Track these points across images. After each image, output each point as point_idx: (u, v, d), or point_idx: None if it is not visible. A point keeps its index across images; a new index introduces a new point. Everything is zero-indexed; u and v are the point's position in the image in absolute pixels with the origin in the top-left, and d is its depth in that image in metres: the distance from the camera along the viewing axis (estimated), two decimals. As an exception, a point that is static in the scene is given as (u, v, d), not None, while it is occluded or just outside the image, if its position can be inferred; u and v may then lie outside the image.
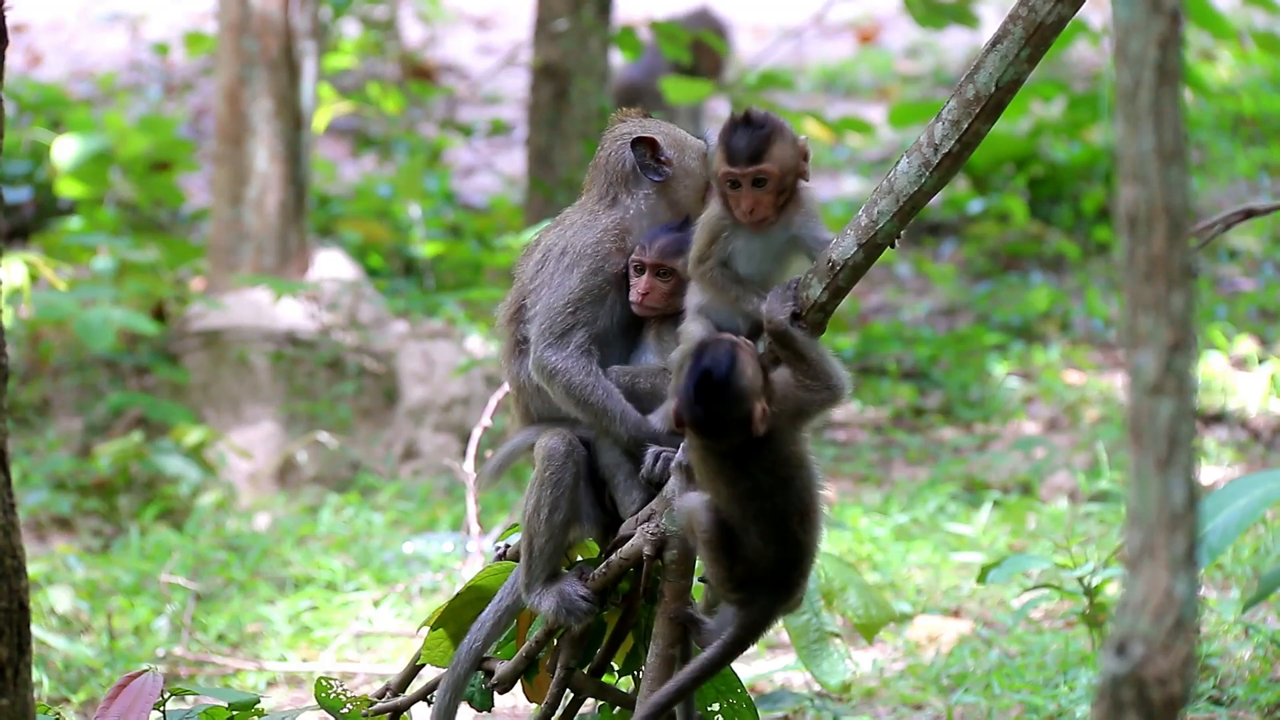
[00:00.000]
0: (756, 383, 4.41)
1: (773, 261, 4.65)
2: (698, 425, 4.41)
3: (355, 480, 9.60)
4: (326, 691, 4.97)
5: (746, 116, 4.62)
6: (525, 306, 4.94)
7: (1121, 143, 3.10)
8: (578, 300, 4.85)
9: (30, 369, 10.19)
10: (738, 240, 4.63)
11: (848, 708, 6.40)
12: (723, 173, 4.61)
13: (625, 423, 4.77)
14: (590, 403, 4.78)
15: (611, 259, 4.88)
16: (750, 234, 4.63)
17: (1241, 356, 9.94)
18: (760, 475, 4.45)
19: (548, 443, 4.82)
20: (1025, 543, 7.94)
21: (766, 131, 4.60)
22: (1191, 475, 3.07)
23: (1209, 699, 6.10)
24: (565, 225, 4.97)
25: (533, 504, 4.81)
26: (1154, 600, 3.06)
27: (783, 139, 4.62)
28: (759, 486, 4.46)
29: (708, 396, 4.37)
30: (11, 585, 4.15)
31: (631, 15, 13.74)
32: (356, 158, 14.64)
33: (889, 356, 10.70)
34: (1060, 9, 4.30)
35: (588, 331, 4.84)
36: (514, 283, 5.02)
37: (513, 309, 4.97)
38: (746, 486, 4.47)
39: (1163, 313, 3.08)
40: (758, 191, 4.58)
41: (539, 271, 4.92)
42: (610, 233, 4.90)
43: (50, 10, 17.66)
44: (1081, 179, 12.75)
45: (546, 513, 4.80)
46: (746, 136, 4.59)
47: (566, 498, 4.80)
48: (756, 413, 4.38)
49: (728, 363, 4.38)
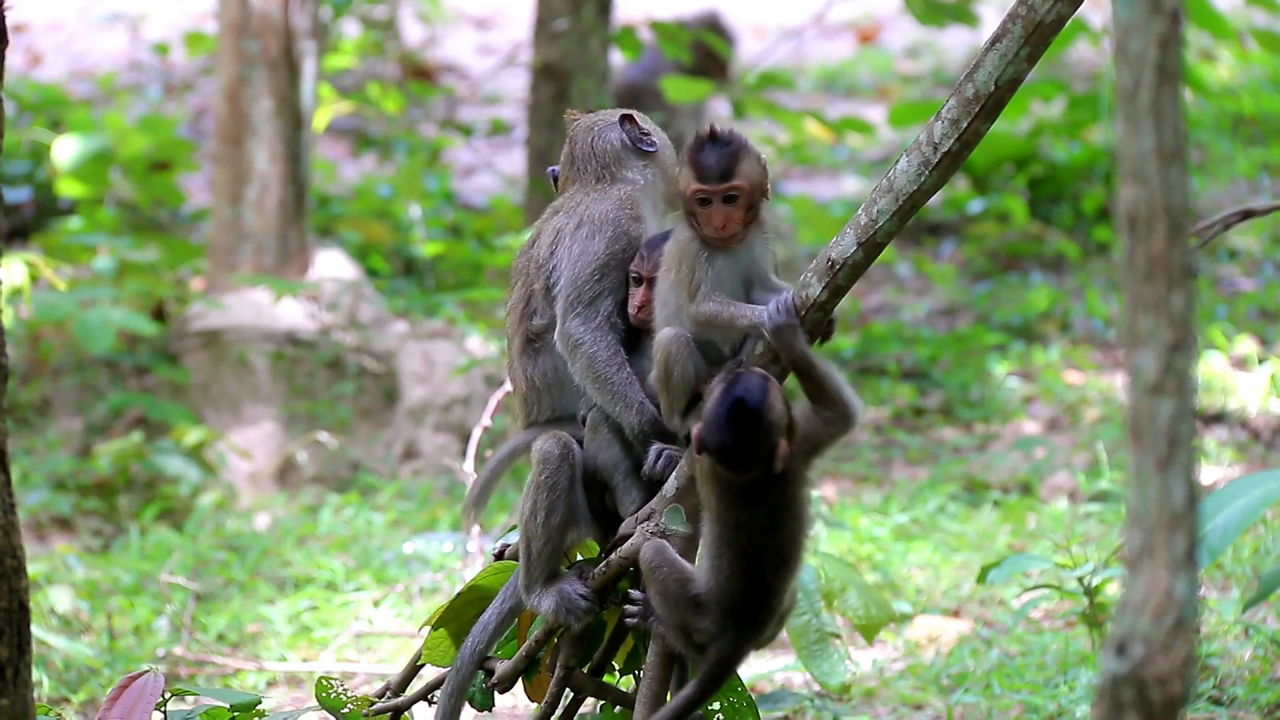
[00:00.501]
0: (783, 419, 4.40)
1: (739, 283, 4.65)
2: (722, 454, 4.38)
3: (355, 480, 9.60)
4: (327, 691, 4.97)
5: (713, 134, 4.65)
6: (533, 299, 4.91)
7: (1121, 143, 3.10)
8: (603, 265, 4.81)
9: (30, 369, 10.19)
10: (717, 261, 4.63)
11: (848, 707, 6.40)
12: (692, 190, 4.61)
13: (642, 414, 4.74)
14: (611, 382, 4.75)
15: (632, 226, 4.84)
16: (724, 255, 4.62)
17: (1241, 356, 9.94)
18: (759, 511, 4.44)
19: (543, 446, 4.81)
20: (1025, 543, 7.93)
21: (735, 148, 4.63)
22: (1191, 475, 3.07)
23: (1209, 699, 6.10)
24: (571, 208, 4.92)
25: (529, 508, 4.80)
26: (1154, 600, 3.06)
27: (750, 155, 4.66)
28: (753, 521, 4.44)
29: (738, 426, 4.35)
30: (11, 585, 4.15)
31: (632, 15, 13.74)
32: (356, 158, 14.64)
33: (889, 356, 10.69)
34: (1059, 8, 4.30)
35: (614, 300, 4.80)
36: (517, 280, 4.98)
37: (522, 305, 4.93)
38: (741, 518, 4.45)
39: (1163, 313, 3.08)
40: (728, 208, 4.59)
41: (553, 253, 4.88)
42: (625, 202, 4.87)
43: (50, 10, 17.66)
44: (1081, 179, 12.75)
45: (543, 516, 4.79)
46: (716, 153, 4.62)
47: (563, 500, 4.79)
48: (780, 449, 4.37)
49: (760, 395, 4.36)
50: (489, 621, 4.93)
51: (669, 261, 4.66)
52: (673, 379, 4.63)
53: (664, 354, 4.63)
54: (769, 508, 4.43)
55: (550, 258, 4.88)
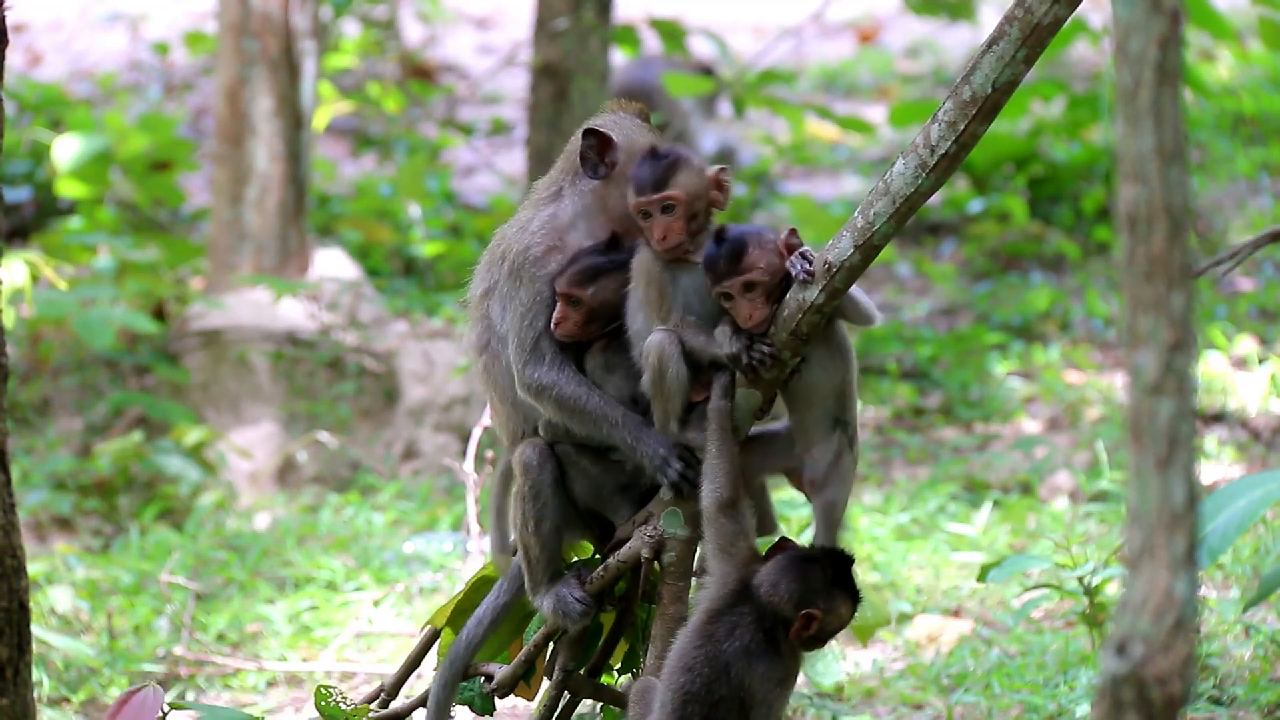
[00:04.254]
0: None
1: (708, 298, 4.68)
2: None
3: (355, 480, 9.60)
4: (326, 699, 4.98)
5: (653, 151, 4.72)
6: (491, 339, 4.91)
7: (1121, 143, 3.10)
8: (531, 310, 4.80)
9: (30, 369, 10.19)
10: (681, 280, 4.67)
11: (847, 707, 6.40)
12: (634, 205, 4.70)
13: (628, 425, 4.73)
14: (587, 411, 4.75)
15: (547, 260, 4.82)
16: (688, 271, 4.67)
17: (1241, 356, 9.94)
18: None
19: (522, 454, 4.83)
20: (1025, 543, 7.93)
21: (669, 160, 4.70)
22: (1191, 475, 3.07)
23: (1209, 699, 6.09)
24: (511, 221, 4.94)
25: (520, 518, 4.82)
26: (1154, 600, 3.06)
27: (688, 167, 4.71)
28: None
29: (848, 578, 4.47)
30: (11, 585, 4.16)
31: (631, 15, 13.74)
32: (356, 157, 14.64)
33: (889, 356, 10.69)
34: (1056, 10, 4.29)
35: (550, 335, 4.80)
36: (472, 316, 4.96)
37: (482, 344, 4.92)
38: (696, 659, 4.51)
39: (1163, 313, 3.08)
40: (667, 219, 4.66)
41: (490, 271, 4.89)
42: (540, 234, 4.84)
43: (50, 10, 17.66)
44: (1081, 179, 12.75)
45: (534, 524, 4.80)
46: (650, 167, 4.71)
47: (550, 505, 4.79)
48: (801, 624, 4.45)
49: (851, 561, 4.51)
50: (483, 616, 4.94)
51: (636, 280, 4.73)
52: (667, 381, 4.64)
53: (656, 357, 4.64)
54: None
55: (489, 274, 4.88)
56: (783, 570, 4.46)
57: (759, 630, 4.43)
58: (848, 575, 4.48)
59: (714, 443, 4.57)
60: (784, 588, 4.44)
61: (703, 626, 4.46)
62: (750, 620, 4.44)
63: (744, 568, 4.50)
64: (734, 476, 4.55)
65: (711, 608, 4.48)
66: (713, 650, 4.43)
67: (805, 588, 4.44)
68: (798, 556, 4.50)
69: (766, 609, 4.44)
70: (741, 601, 4.46)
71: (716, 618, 4.46)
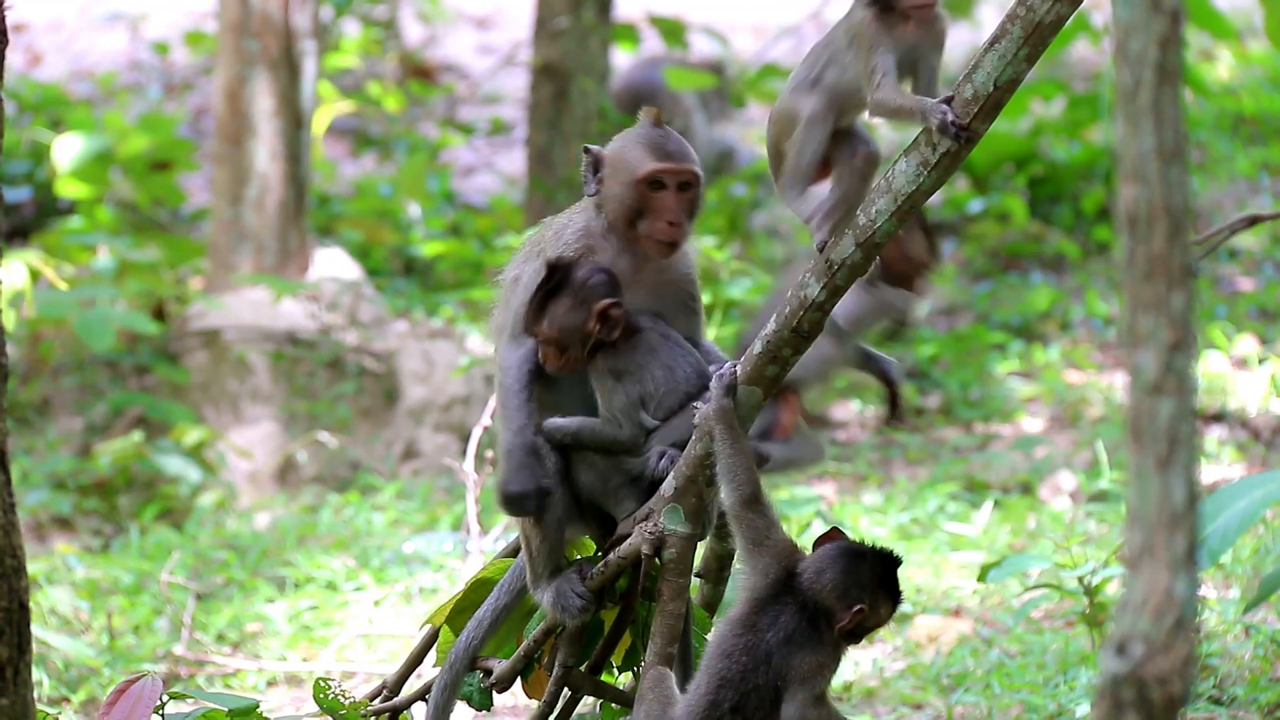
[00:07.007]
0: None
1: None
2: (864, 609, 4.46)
3: (355, 480, 9.60)
4: (325, 692, 4.98)
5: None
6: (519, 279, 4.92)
7: (1121, 142, 3.09)
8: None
9: (30, 369, 10.19)
10: (887, 45, 4.59)
11: (847, 707, 6.40)
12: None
13: (514, 433, 4.71)
14: (505, 406, 4.76)
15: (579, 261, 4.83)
16: (898, 37, 4.60)
17: (1241, 356, 9.94)
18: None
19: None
20: (1025, 543, 7.93)
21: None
22: (1192, 475, 3.07)
23: (1209, 699, 6.09)
24: (559, 214, 4.95)
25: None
26: (1154, 600, 3.06)
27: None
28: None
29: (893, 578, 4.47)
30: (11, 585, 4.15)
31: (631, 15, 13.73)
32: (356, 157, 14.64)
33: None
34: (1059, 8, 4.29)
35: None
36: (522, 249, 4.99)
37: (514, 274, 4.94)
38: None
39: (1163, 312, 3.08)
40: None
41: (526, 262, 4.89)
42: (575, 235, 4.80)
43: (50, 10, 17.66)
44: (1081, 179, 12.75)
45: (534, 517, 4.80)
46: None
47: (554, 496, 4.79)
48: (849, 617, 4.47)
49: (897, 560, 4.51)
50: (484, 617, 4.94)
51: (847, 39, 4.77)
52: (808, 140, 4.62)
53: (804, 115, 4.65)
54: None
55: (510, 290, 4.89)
56: (830, 561, 4.44)
57: (802, 619, 4.42)
58: (893, 575, 4.47)
59: (724, 442, 4.55)
60: (828, 578, 4.42)
61: (746, 616, 4.44)
62: (794, 610, 4.42)
63: (786, 558, 4.48)
64: (751, 472, 4.53)
65: (755, 597, 4.46)
66: (754, 639, 4.41)
67: (850, 581, 4.42)
68: (847, 549, 4.48)
69: (809, 598, 4.42)
70: (786, 592, 4.45)
71: (761, 608, 4.44)
